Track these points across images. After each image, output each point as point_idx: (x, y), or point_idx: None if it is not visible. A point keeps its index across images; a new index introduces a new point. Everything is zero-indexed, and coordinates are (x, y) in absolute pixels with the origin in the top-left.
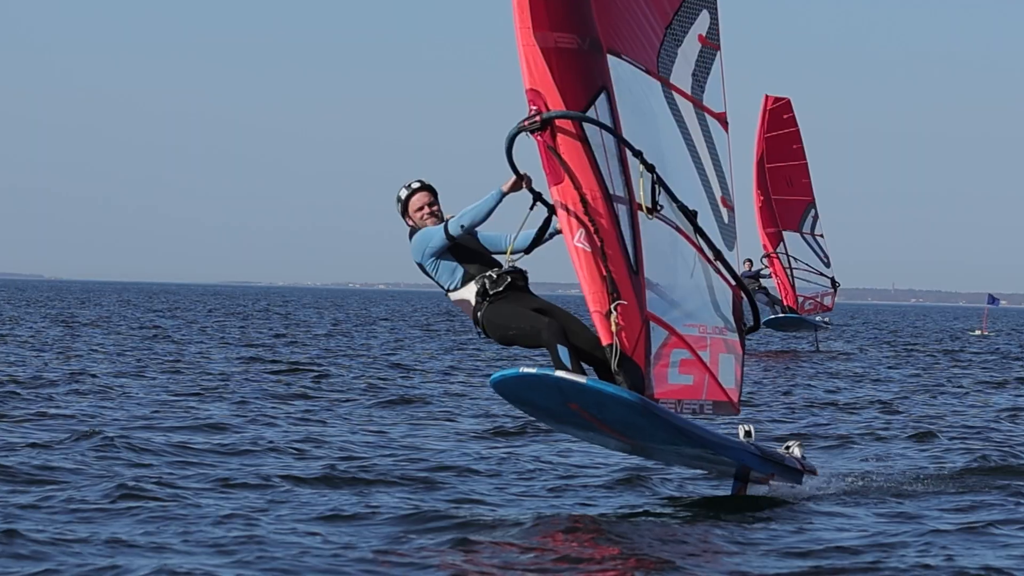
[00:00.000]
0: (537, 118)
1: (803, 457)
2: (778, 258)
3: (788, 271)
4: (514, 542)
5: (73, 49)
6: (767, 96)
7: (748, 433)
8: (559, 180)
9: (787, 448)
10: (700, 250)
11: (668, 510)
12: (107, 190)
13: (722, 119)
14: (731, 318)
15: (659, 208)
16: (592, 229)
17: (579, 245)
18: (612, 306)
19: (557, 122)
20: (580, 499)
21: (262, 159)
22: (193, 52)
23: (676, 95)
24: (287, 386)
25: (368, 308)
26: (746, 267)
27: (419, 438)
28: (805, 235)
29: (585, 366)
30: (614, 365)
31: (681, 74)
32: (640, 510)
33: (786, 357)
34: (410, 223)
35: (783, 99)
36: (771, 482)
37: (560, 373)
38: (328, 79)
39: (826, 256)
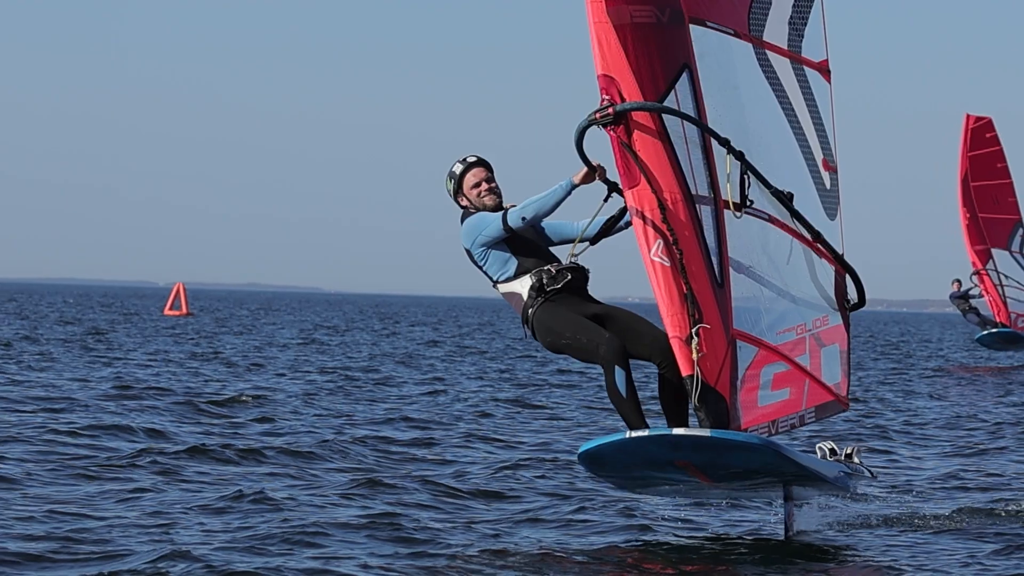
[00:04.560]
0: (610, 110)
1: (862, 463)
2: (988, 275)
3: (999, 288)
4: None
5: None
6: (968, 115)
7: (833, 451)
8: (635, 183)
9: (848, 456)
10: (797, 235)
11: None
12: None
13: (823, 68)
14: (834, 298)
15: (749, 203)
16: (671, 239)
17: (656, 259)
18: (693, 330)
19: (633, 114)
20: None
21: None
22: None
23: (770, 54)
24: None
25: None
26: (954, 288)
27: None
28: (1014, 254)
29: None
30: (694, 400)
31: (775, 27)
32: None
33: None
34: (463, 203)
35: (984, 118)
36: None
37: (680, 431)
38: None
39: None
